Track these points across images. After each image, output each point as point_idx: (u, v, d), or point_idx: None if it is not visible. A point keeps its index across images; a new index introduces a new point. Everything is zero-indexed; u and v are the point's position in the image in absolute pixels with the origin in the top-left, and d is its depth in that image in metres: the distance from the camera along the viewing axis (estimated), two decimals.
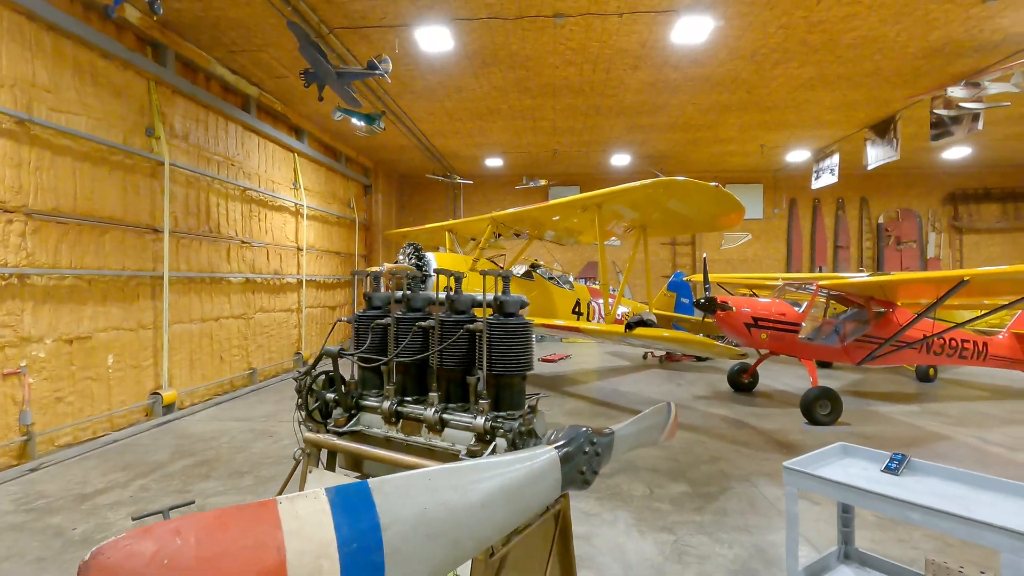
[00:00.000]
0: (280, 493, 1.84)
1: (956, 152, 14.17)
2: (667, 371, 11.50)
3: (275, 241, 10.40)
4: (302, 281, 11.40)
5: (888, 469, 2.98)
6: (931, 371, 9.93)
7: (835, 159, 13.01)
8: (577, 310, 10.66)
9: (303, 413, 1.81)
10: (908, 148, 11.85)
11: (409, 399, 1.68)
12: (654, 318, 6.87)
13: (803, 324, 7.59)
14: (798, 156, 14.21)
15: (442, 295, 1.72)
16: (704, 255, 8.47)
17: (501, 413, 1.49)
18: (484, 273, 1.54)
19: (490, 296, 1.60)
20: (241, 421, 7.23)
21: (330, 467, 1.74)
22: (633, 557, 3.71)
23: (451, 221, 10.73)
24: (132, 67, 6.83)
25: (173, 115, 7.67)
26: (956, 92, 8.36)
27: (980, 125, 8.80)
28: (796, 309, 7.79)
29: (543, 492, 1.21)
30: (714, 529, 4.12)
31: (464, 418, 1.53)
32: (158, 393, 7.18)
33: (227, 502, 4.58)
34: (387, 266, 8.92)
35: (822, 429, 6.84)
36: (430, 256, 9.06)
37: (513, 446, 1.38)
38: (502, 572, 1.65)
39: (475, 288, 8.19)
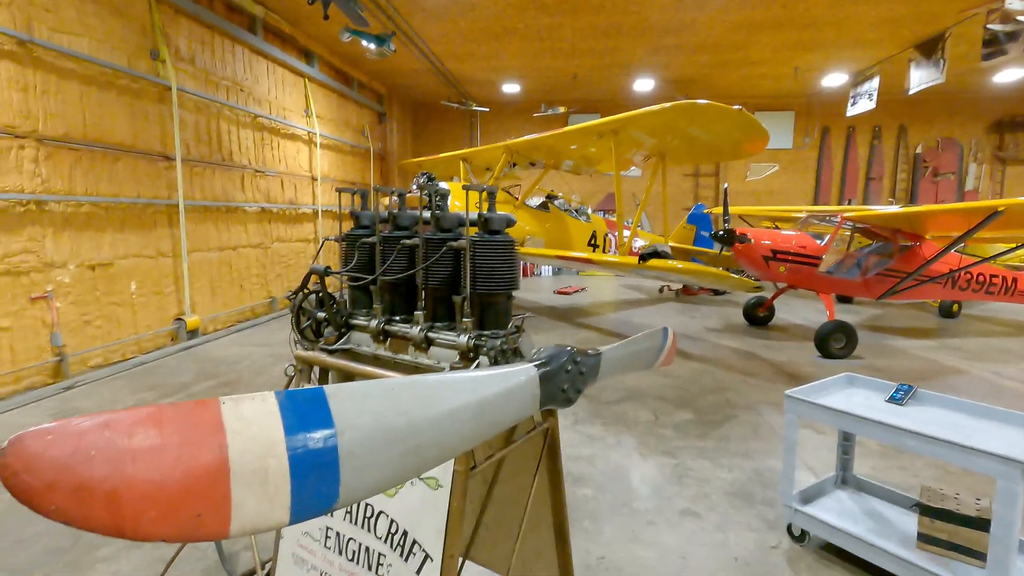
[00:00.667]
0: None
1: (1007, 75, 13.13)
2: (683, 304, 11.46)
3: (289, 170, 10.32)
4: (318, 212, 11.41)
5: (893, 399, 2.96)
6: (955, 307, 9.72)
7: (874, 83, 12.17)
8: (593, 242, 10.55)
9: (295, 332, 1.83)
10: (955, 71, 10.98)
11: (397, 318, 1.67)
12: (668, 250, 6.75)
13: (823, 257, 7.39)
14: (835, 80, 13.33)
15: (427, 213, 1.67)
16: (725, 186, 8.17)
17: (485, 332, 1.48)
18: (467, 188, 1.48)
19: (475, 214, 1.55)
20: (262, 346, 7.48)
21: (322, 383, 1.78)
22: (634, 478, 3.84)
23: (465, 150, 10.48)
24: None
25: (177, 37, 7.43)
26: (1015, 4, 7.61)
27: None
28: (819, 242, 7.57)
29: (518, 407, 1.21)
30: (716, 454, 4.21)
31: (449, 336, 1.52)
32: (181, 319, 7.42)
33: None
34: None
35: (835, 362, 6.81)
36: (444, 186, 8.93)
37: (496, 364, 1.37)
38: (490, 486, 1.70)
39: (518, 223, 8.17)
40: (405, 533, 1.44)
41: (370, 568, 1.49)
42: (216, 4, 8.26)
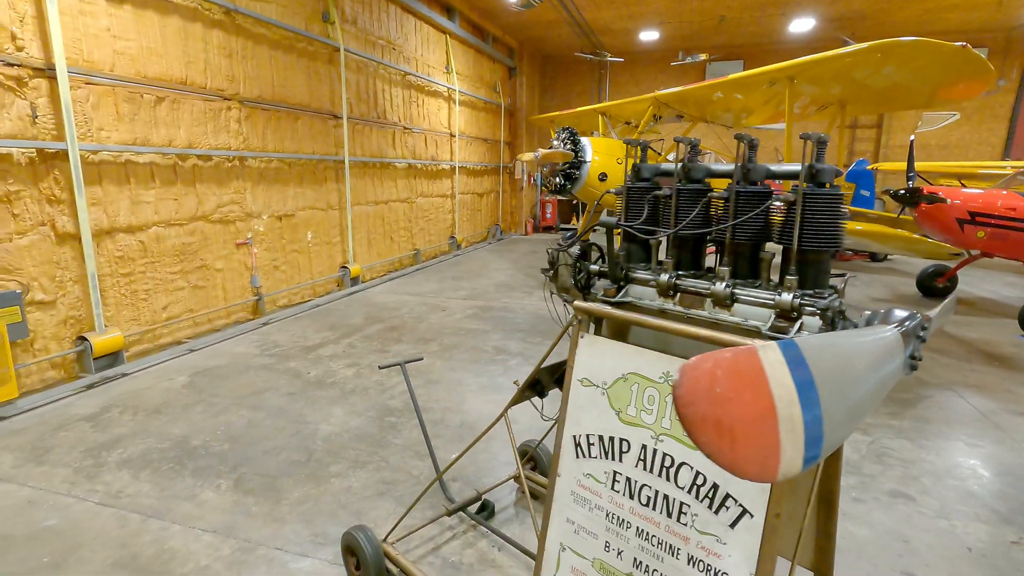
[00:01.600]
0: (545, 356, 1.98)
1: None
2: (835, 269, 10.48)
3: (431, 127, 10.67)
4: (455, 168, 11.75)
5: None
6: None
7: None
8: None
9: (557, 284, 1.88)
10: None
11: (683, 273, 1.65)
12: (846, 210, 6.12)
13: None
14: None
15: (727, 166, 1.60)
16: (912, 137, 7.17)
17: (807, 291, 1.40)
18: (804, 136, 1.38)
19: (794, 167, 1.46)
20: (414, 296, 7.98)
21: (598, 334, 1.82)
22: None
23: (604, 103, 10.13)
24: None
25: None
26: None
27: None
28: None
29: (895, 372, 1.14)
30: (915, 436, 3.86)
31: (758, 293, 1.47)
32: (346, 267, 8.10)
33: (421, 364, 5.19)
34: (541, 151, 8.83)
35: None
36: (585, 141, 8.75)
37: (833, 325, 1.30)
38: None
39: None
40: (715, 486, 1.45)
41: (669, 515, 1.54)
42: None
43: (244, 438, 3.73)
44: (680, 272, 1.66)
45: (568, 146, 8.70)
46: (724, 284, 1.51)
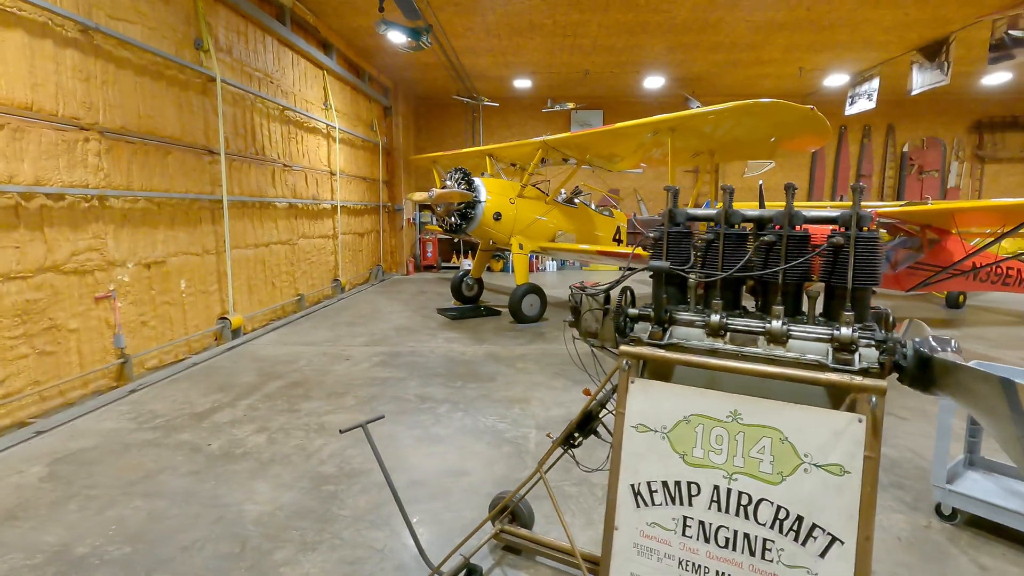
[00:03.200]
0: (587, 406, 1.91)
1: (993, 78, 13.88)
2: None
3: (311, 165, 10.10)
4: (337, 207, 11.19)
5: None
6: (960, 298, 10.25)
7: (874, 84, 12.68)
8: (617, 237, 10.70)
9: (580, 330, 1.85)
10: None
11: (729, 313, 1.72)
12: None
13: None
14: (836, 80, 13.82)
15: (770, 212, 1.72)
16: (760, 182, 8.38)
17: (857, 325, 1.54)
18: (854, 188, 1.54)
19: (827, 212, 1.61)
20: (308, 346, 7.33)
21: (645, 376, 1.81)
22: None
23: (491, 145, 10.44)
24: None
25: (217, 26, 7.18)
26: None
27: None
28: None
29: None
30: None
31: (813, 329, 1.58)
32: (226, 318, 7.21)
33: (341, 420, 4.74)
34: (435, 191, 8.78)
35: None
36: (479, 182, 8.90)
37: (892, 354, 1.44)
38: None
39: (552, 220, 7.92)
40: (800, 518, 1.49)
41: (752, 554, 1.54)
42: None
43: (149, 535, 3.06)
44: (727, 312, 1.72)
45: (463, 186, 8.78)
46: (780, 322, 1.60)
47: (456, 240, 16.48)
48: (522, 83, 14.45)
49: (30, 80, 4.54)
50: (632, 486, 1.73)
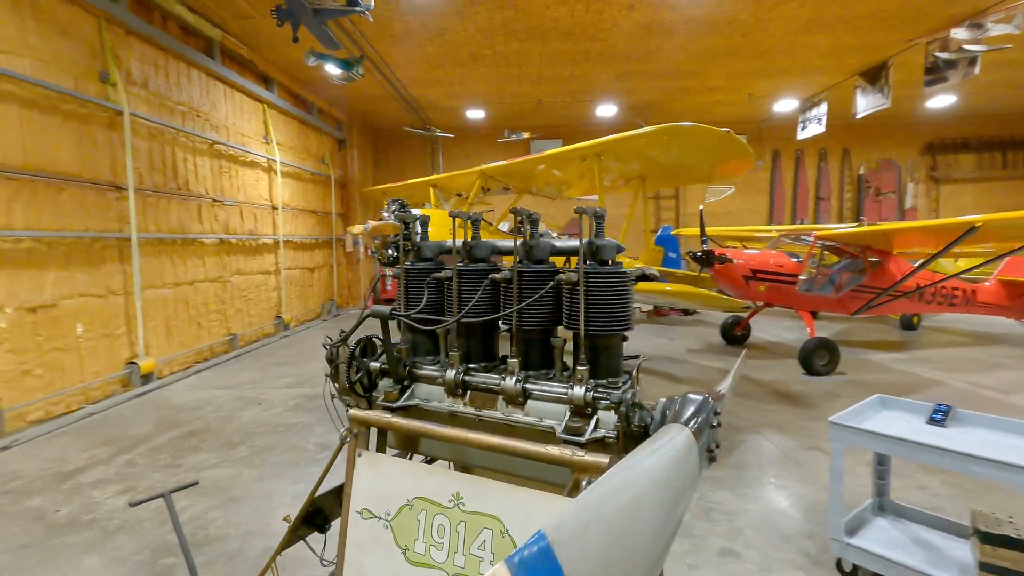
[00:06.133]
0: (321, 479, 1.58)
1: (939, 101, 14.12)
2: (657, 326, 11.48)
3: (248, 199, 9.79)
4: (279, 242, 10.85)
5: (933, 420, 2.87)
6: (915, 319, 10.11)
7: (823, 108, 12.80)
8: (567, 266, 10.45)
9: (338, 386, 1.53)
10: (893, 96, 11.71)
11: (474, 366, 1.40)
12: (656, 272, 6.68)
13: (800, 276, 7.52)
14: (786, 106, 13.96)
15: (507, 243, 1.43)
16: (701, 207, 8.31)
17: (600, 381, 1.23)
18: (579, 211, 1.25)
19: (574, 243, 1.32)
20: (225, 389, 6.89)
21: (380, 448, 1.48)
22: None
23: (435, 176, 10.24)
24: (79, 2, 6.09)
25: (129, 59, 6.93)
26: (959, 34, 8.15)
27: (977, 69, 8.65)
28: (793, 260, 7.71)
29: (691, 484, 0.98)
30: (736, 484, 4.04)
31: (552, 387, 1.27)
32: (134, 363, 6.76)
33: (221, 475, 4.32)
34: (371, 223, 8.50)
35: (821, 379, 6.86)
36: (417, 212, 8.65)
37: (626, 420, 1.13)
38: None
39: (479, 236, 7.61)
40: None
41: None
42: (171, 26, 7.80)
43: None
44: (470, 366, 1.41)
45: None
46: (515, 379, 1.29)
47: None
48: (475, 113, 14.40)
49: None
50: None
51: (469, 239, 1.61)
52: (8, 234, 5.23)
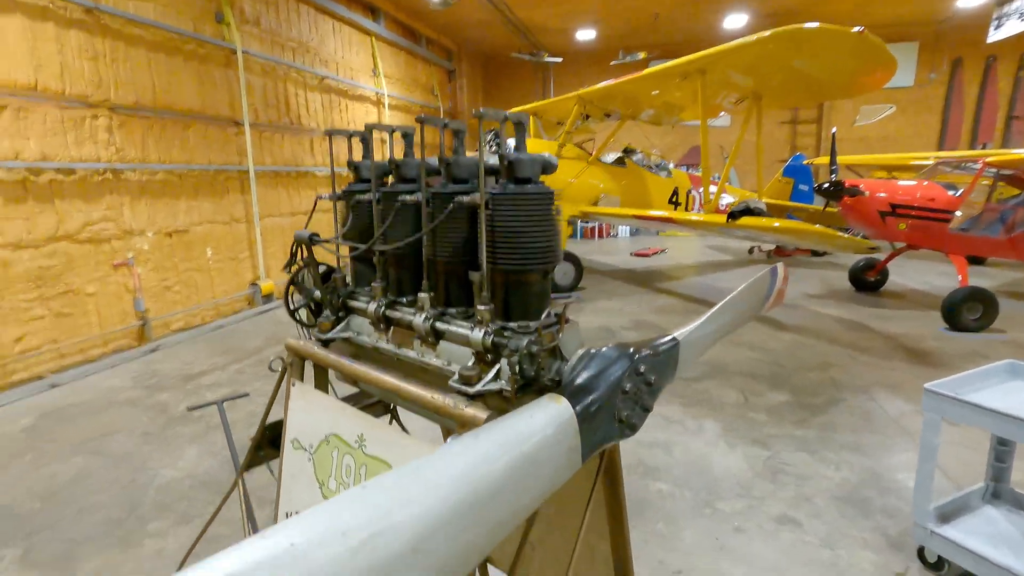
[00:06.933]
0: (268, 407, 1.59)
1: None
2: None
3: None
4: None
5: None
6: None
7: None
8: (675, 199, 9.70)
9: (290, 313, 1.50)
10: None
11: (404, 299, 1.28)
12: (763, 206, 5.91)
13: (957, 212, 6.22)
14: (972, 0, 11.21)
15: (434, 160, 1.24)
16: (833, 130, 7.07)
17: (511, 324, 1.04)
18: (478, 114, 1.03)
19: (493, 159, 1.10)
20: None
21: (319, 381, 1.44)
22: (717, 470, 3.33)
23: (533, 103, 9.83)
24: None
25: None
26: None
27: None
28: (950, 193, 6.37)
29: (551, 472, 0.79)
30: (819, 447, 3.59)
31: (459, 328, 1.10)
32: (256, 284, 7.58)
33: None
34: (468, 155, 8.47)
35: (968, 336, 5.77)
36: (509, 143, 8.42)
37: (521, 372, 0.94)
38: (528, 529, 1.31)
39: (590, 181, 7.41)
40: None
41: None
42: None
43: (62, 494, 3.22)
44: (399, 298, 1.28)
45: (493, 148, 8.36)
46: (424, 316, 1.14)
47: None
48: (586, 34, 13.45)
49: (32, 62, 4.86)
50: (287, 514, 1.38)
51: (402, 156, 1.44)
52: (146, 167, 5.95)
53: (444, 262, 1.15)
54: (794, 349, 5.53)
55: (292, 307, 1.44)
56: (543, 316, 1.03)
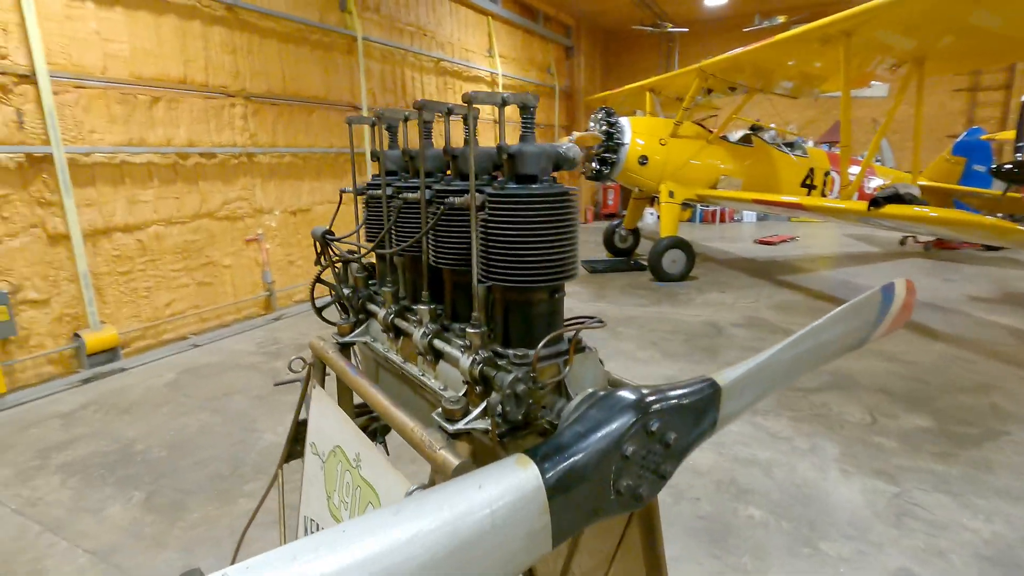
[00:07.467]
0: (299, 405, 1.57)
1: None
2: (934, 262, 8.91)
3: None
4: None
5: None
6: None
7: None
8: (809, 182, 8.65)
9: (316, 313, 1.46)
10: None
11: (415, 307, 1.16)
12: (917, 191, 4.99)
13: None
14: None
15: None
16: (1023, 98, 5.74)
17: (508, 351, 0.88)
18: (468, 98, 0.85)
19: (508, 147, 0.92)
20: None
21: (342, 385, 1.38)
22: (826, 502, 2.88)
23: (650, 79, 9.23)
24: None
25: None
26: None
27: None
28: None
29: (500, 561, 0.62)
30: (965, 488, 2.97)
31: (454, 350, 0.96)
32: None
33: None
34: (576, 135, 8.18)
35: None
36: (624, 122, 8.00)
37: (503, 415, 0.78)
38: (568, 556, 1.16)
39: (709, 161, 6.90)
40: None
41: None
42: None
43: (186, 446, 3.63)
44: (410, 307, 1.16)
45: (603, 127, 8.01)
46: (423, 331, 1.01)
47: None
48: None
49: (181, 57, 5.45)
50: (306, 518, 1.35)
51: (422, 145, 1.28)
52: (275, 150, 6.47)
53: (450, 270, 1.01)
54: (945, 364, 4.66)
55: (315, 305, 1.39)
56: (542, 344, 0.84)
